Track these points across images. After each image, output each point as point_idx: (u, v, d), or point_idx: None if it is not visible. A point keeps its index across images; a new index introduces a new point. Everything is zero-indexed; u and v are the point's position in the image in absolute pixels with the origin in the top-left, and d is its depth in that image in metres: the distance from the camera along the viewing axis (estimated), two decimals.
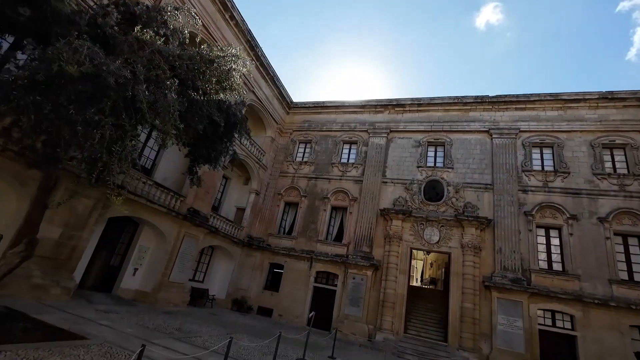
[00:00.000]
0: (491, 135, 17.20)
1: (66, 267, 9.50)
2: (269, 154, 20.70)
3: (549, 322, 13.59)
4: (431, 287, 25.29)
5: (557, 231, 14.78)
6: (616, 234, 13.90)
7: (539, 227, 15.02)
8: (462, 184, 16.61)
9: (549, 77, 64.11)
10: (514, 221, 15.06)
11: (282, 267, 18.08)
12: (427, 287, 25.27)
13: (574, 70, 63.00)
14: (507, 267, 14.38)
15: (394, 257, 15.93)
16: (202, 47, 7.90)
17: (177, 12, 8.23)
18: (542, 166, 16.05)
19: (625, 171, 14.75)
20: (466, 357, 13.21)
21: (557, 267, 14.26)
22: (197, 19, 8.96)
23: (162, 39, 6.95)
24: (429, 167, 17.67)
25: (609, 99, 15.74)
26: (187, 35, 8.30)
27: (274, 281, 18.12)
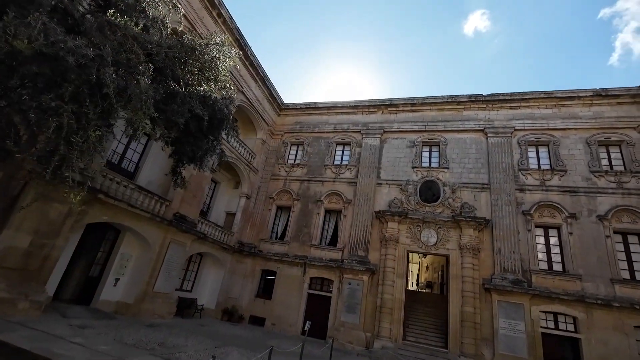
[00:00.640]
0: (486, 134, 16.89)
1: (37, 279, 8.66)
2: (260, 156, 20.06)
3: (552, 325, 13.16)
4: (427, 290, 24.80)
5: (556, 230, 14.44)
6: (616, 232, 13.61)
7: (537, 226, 14.66)
8: (458, 184, 16.21)
9: (537, 81, 65.11)
10: (512, 221, 14.68)
11: (274, 274, 17.34)
12: (423, 290, 24.77)
13: (559, 75, 64.14)
14: (507, 269, 13.95)
15: (390, 261, 15.37)
16: (184, 36, 7.29)
17: (158, 0, 7.63)
18: (539, 165, 15.77)
19: (622, 168, 14.55)
20: None
21: (557, 267, 13.89)
22: (179, 7, 8.39)
23: (139, 27, 6.35)
24: (424, 167, 17.26)
25: (602, 96, 15.60)
26: (168, 25, 7.69)
27: (267, 288, 17.36)
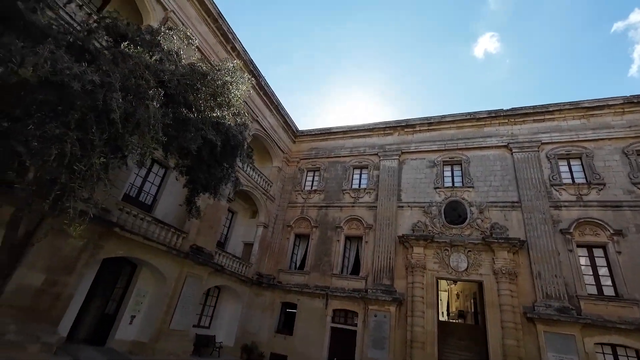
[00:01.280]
0: (511, 149, 16.09)
1: (48, 319, 8.33)
2: (277, 184, 19.84)
3: (610, 359, 11.55)
4: (460, 321, 22.94)
5: (601, 250, 13.10)
6: None
7: (579, 246, 13.38)
8: (485, 203, 15.26)
9: (555, 97, 63.73)
10: (549, 241, 13.48)
11: (294, 307, 16.44)
12: (455, 321, 22.94)
13: (578, 89, 62.65)
14: (550, 295, 12.60)
15: (418, 289, 14.28)
16: (197, 64, 7.27)
17: (171, 32, 7.76)
18: (572, 179, 14.70)
19: None
20: None
21: (608, 291, 12.43)
22: (193, 40, 8.51)
23: (153, 59, 6.37)
24: (447, 187, 16.47)
25: (634, 103, 14.69)
26: (182, 57, 7.76)
27: (287, 323, 16.41)
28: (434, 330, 13.61)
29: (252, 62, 16.66)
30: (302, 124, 71.76)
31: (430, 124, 18.47)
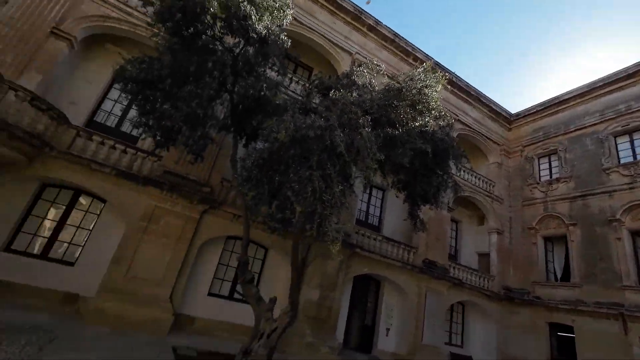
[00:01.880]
0: None
1: (328, 327, 10.39)
2: (500, 182, 17.11)
3: None
4: None
5: None
6: None
7: None
8: None
9: None
10: None
11: (570, 329, 12.77)
12: None
13: None
14: None
15: None
16: (389, 82, 7.61)
17: (361, 68, 8.61)
18: None
19: None
20: None
21: None
22: (381, 67, 9.07)
23: (353, 95, 7.25)
24: None
25: None
26: (374, 84, 8.42)
27: (563, 349, 12.89)
28: None
29: (437, 64, 15.91)
30: (514, 106, 60.40)
31: None
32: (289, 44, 7.56)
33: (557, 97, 16.57)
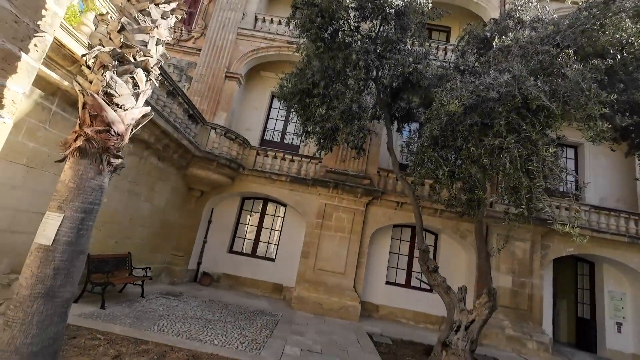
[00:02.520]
0: None
1: (531, 318, 8.76)
2: None
3: None
4: None
5: None
6: None
7: None
8: None
9: None
10: None
11: None
12: None
13: None
14: None
15: None
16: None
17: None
18: None
19: None
20: None
21: None
22: None
23: (524, 35, 5.73)
24: None
25: None
26: (550, 13, 6.48)
27: None
28: None
29: None
30: None
31: None
32: (430, 4, 6.68)
33: None
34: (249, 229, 10.86)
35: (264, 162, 10.27)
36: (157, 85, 3.00)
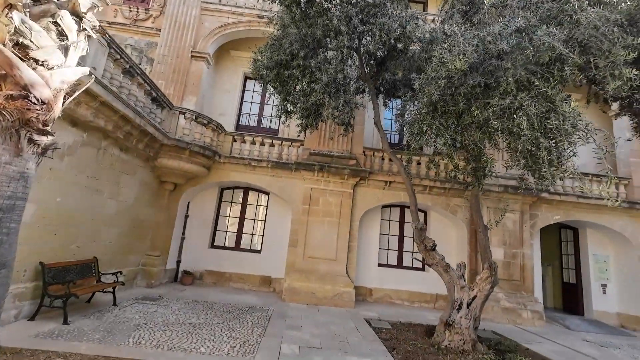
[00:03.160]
0: None
1: (524, 288, 8.76)
2: None
3: None
4: None
5: None
6: None
7: None
8: None
9: None
10: None
11: None
12: None
13: None
14: None
15: None
16: None
17: None
18: None
19: None
20: None
21: None
22: None
23: None
24: None
25: None
26: None
27: None
28: None
29: None
30: None
31: None
32: None
33: None
34: (231, 221, 10.16)
35: (242, 148, 9.51)
36: (96, 38, 2.26)
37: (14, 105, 1.84)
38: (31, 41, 1.89)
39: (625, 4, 3.62)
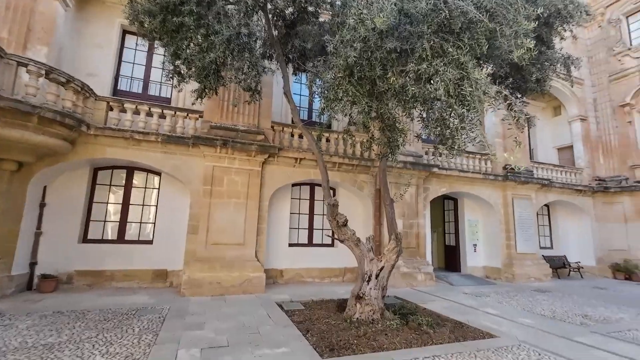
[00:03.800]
0: None
1: (418, 254, 9.75)
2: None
3: None
4: None
5: None
6: None
7: None
8: None
9: None
10: None
11: None
12: None
13: None
14: None
15: None
16: None
17: None
18: None
19: None
20: None
21: None
22: None
23: None
24: None
25: None
26: None
27: None
28: None
29: None
30: None
31: None
32: None
33: None
34: (112, 208, 8.30)
35: (122, 118, 7.72)
36: None
37: None
38: None
39: None
